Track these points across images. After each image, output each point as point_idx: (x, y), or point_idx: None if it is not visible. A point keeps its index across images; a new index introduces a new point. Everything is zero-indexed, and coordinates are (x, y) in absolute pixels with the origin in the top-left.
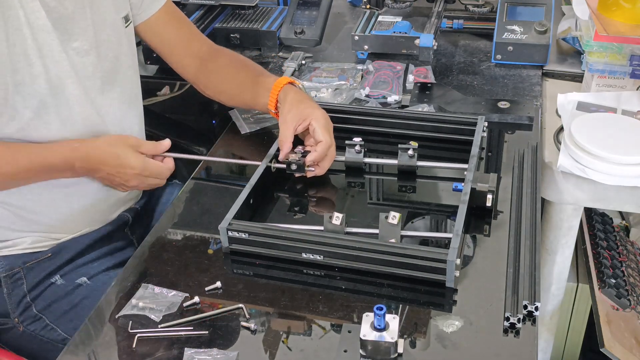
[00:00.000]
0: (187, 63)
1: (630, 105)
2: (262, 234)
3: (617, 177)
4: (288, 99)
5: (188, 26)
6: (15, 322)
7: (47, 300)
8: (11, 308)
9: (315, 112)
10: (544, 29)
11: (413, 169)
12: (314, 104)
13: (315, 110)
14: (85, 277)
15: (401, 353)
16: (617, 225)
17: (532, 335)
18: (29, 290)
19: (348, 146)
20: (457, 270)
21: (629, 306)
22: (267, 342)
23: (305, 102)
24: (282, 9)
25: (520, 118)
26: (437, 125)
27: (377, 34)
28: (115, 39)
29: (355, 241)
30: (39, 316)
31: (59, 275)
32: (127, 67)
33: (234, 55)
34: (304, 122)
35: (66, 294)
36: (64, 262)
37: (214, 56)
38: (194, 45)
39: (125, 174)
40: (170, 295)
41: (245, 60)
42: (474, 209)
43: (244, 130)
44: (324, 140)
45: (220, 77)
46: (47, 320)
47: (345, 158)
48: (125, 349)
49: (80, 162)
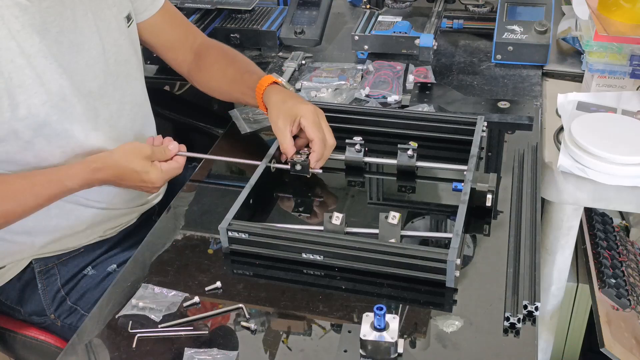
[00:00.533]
0: (181, 59)
1: (630, 105)
2: (262, 234)
3: (617, 177)
4: (272, 102)
5: (183, 22)
6: (52, 318)
7: (79, 292)
8: (46, 304)
9: (302, 109)
10: (544, 29)
11: (412, 169)
12: (299, 100)
13: (301, 107)
14: (114, 265)
15: (401, 353)
16: (617, 225)
17: (532, 335)
18: (62, 285)
19: (348, 145)
20: (457, 270)
21: (629, 306)
22: (267, 342)
23: (288, 101)
24: (282, 9)
25: (520, 118)
26: (437, 125)
27: (377, 34)
28: (120, 41)
29: (355, 241)
30: (73, 308)
31: (90, 267)
32: (134, 67)
33: (224, 50)
34: (295, 123)
35: (97, 284)
36: (96, 256)
37: (205, 51)
38: (188, 41)
39: (145, 187)
40: (170, 295)
41: (234, 55)
42: (474, 209)
43: (244, 130)
44: (314, 137)
45: (210, 74)
46: (82, 310)
47: (346, 157)
48: (125, 349)
49: (100, 182)
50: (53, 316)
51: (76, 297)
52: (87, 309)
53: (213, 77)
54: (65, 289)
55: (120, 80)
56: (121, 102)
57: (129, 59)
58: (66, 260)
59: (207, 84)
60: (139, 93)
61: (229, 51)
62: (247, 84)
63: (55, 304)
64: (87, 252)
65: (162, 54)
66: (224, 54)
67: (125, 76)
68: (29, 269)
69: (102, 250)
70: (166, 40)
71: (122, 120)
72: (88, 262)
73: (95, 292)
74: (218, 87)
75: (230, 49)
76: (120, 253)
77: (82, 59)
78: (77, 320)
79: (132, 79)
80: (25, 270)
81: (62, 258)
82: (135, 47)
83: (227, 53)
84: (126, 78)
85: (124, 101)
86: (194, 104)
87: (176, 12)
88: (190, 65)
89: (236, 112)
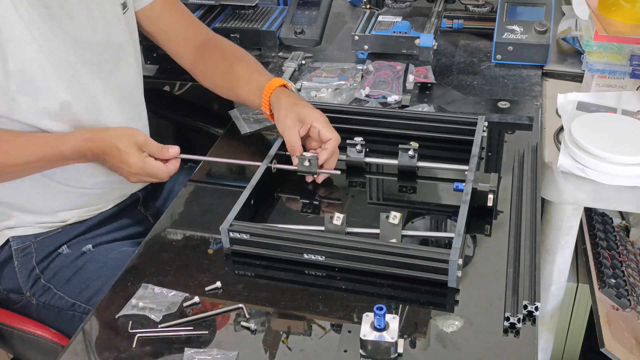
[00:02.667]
0: (183, 51)
1: (630, 105)
2: (264, 235)
3: (617, 177)
4: (282, 103)
5: (186, 14)
6: (28, 296)
7: (53, 270)
8: (22, 282)
9: (313, 113)
10: (544, 29)
11: (413, 169)
12: (309, 105)
13: (312, 112)
14: (90, 245)
15: (401, 353)
16: (617, 225)
17: (532, 335)
18: (37, 263)
19: (349, 145)
20: (459, 271)
21: (629, 306)
22: (267, 342)
23: (299, 104)
24: (282, 9)
25: (520, 118)
26: (437, 125)
27: (377, 34)
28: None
29: (356, 241)
30: (47, 286)
31: (65, 246)
32: (127, 53)
33: (231, 47)
34: (304, 125)
35: (70, 262)
36: (72, 236)
37: (210, 46)
38: (191, 34)
39: (123, 170)
40: (170, 295)
41: (243, 55)
42: (474, 208)
43: (244, 130)
44: (333, 137)
45: (215, 70)
46: (54, 288)
47: (347, 157)
48: (125, 349)
49: (91, 152)
50: (29, 294)
51: (50, 275)
52: (59, 287)
53: (218, 72)
54: (40, 267)
55: (109, 63)
56: (108, 82)
57: (122, 44)
58: (43, 240)
59: (211, 79)
60: (131, 78)
61: (236, 50)
62: (255, 85)
63: (31, 281)
64: (65, 232)
65: (164, 44)
66: (231, 52)
67: (117, 59)
68: (6, 247)
69: (80, 231)
70: (166, 31)
71: (107, 99)
72: (64, 242)
73: (67, 271)
74: (222, 83)
75: (238, 48)
76: (98, 236)
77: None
78: (50, 299)
79: (123, 62)
80: (3, 248)
81: (39, 237)
82: (132, 35)
83: (234, 51)
84: (117, 61)
85: (112, 82)
86: (193, 104)
87: (179, 4)
88: (194, 59)
89: (236, 112)
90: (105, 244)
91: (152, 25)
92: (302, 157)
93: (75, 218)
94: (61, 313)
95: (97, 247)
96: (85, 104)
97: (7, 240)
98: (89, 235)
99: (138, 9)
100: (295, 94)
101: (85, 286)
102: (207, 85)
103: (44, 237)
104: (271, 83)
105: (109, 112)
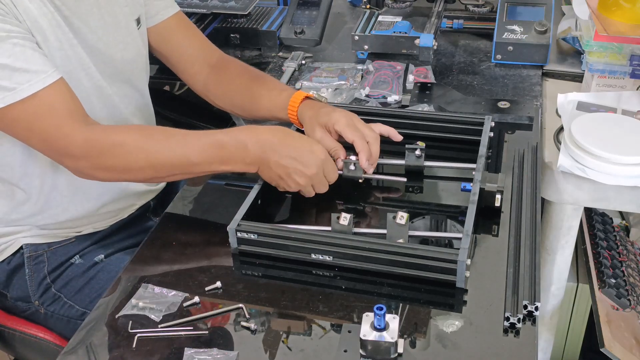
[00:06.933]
0: (195, 71)
1: (630, 105)
2: (271, 235)
3: (617, 177)
4: (306, 118)
5: (199, 34)
6: (36, 304)
7: (65, 280)
8: (32, 290)
9: (333, 116)
10: (544, 29)
11: (420, 169)
12: (330, 109)
13: (332, 115)
14: (102, 255)
15: (401, 353)
16: (617, 225)
17: (532, 335)
18: (49, 272)
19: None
20: (467, 271)
21: (629, 306)
22: (267, 342)
23: (320, 112)
24: (282, 9)
25: (520, 118)
26: (442, 125)
27: (377, 34)
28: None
29: (364, 242)
30: (57, 295)
31: (78, 256)
32: (139, 68)
33: (245, 66)
34: (331, 131)
35: (82, 272)
36: (85, 246)
37: (225, 65)
38: (204, 53)
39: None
40: (170, 295)
41: (258, 73)
42: (480, 209)
43: None
44: (354, 137)
45: (232, 88)
46: (65, 297)
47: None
48: (125, 349)
49: (255, 142)
50: (37, 303)
51: (61, 285)
52: (70, 297)
53: (235, 91)
54: (51, 277)
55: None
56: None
57: (135, 58)
58: (56, 249)
59: (229, 99)
60: (142, 95)
61: (251, 69)
62: (275, 102)
63: (40, 290)
64: (78, 242)
65: (176, 64)
66: (247, 70)
67: (130, 73)
68: (18, 254)
69: (92, 241)
70: (178, 49)
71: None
72: (77, 251)
73: (79, 281)
74: (241, 102)
75: (251, 67)
76: (110, 244)
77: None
78: (59, 308)
79: (135, 78)
80: (15, 255)
81: (52, 246)
82: (143, 51)
83: (249, 69)
84: (130, 75)
85: (128, 92)
86: (194, 104)
87: (191, 24)
88: (207, 79)
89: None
90: (117, 252)
91: (164, 44)
92: (347, 161)
93: (90, 229)
94: (70, 322)
95: (109, 257)
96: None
97: (21, 247)
98: (101, 245)
99: (151, 25)
100: (317, 101)
101: (97, 295)
102: (222, 105)
103: (57, 247)
104: (294, 99)
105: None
